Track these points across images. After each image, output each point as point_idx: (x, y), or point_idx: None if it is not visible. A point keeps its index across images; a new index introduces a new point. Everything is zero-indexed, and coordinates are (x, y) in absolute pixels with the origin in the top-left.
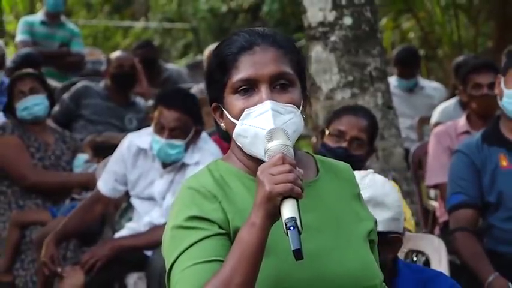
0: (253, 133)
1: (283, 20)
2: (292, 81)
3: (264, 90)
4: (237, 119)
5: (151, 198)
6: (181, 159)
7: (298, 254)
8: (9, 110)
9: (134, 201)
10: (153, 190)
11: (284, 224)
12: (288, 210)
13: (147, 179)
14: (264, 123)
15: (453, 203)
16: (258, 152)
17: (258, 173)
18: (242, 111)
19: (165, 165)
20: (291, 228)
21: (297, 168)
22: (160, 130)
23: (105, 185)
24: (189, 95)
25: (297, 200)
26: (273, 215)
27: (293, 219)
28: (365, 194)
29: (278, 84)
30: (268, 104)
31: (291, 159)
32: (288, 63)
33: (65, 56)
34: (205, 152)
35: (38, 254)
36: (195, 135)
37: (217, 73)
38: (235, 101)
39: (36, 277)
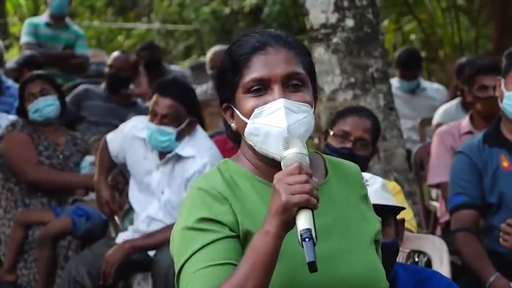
0: (266, 131)
1: (286, 22)
2: (304, 82)
3: (276, 89)
4: (249, 118)
5: (148, 190)
6: (173, 148)
7: (312, 267)
8: (22, 112)
9: (132, 194)
10: (151, 180)
11: (299, 235)
12: (304, 221)
13: (146, 165)
14: (276, 121)
15: (454, 203)
16: (270, 151)
17: (274, 181)
18: (254, 110)
19: (161, 157)
20: (306, 239)
21: (313, 177)
22: (153, 117)
23: (112, 145)
24: (184, 85)
25: (312, 211)
26: (288, 224)
27: (308, 230)
28: None
29: (290, 85)
30: (281, 102)
31: (308, 169)
32: (300, 64)
33: (69, 58)
34: (202, 147)
35: (39, 252)
36: (189, 125)
37: (229, 73)
38: (247, 101)
39: (38, 275)
